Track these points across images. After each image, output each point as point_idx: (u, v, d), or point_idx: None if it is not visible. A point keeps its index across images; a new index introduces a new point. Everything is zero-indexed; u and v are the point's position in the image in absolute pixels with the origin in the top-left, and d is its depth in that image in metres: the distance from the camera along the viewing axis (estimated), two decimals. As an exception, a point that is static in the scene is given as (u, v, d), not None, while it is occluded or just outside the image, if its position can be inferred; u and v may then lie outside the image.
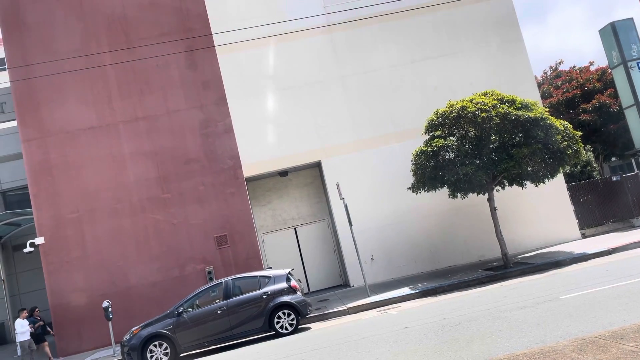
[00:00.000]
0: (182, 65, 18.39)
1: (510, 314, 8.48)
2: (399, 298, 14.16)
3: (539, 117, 14.75)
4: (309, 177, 19.77)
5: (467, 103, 15.10)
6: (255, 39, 17.80)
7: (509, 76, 18.86)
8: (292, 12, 18.55)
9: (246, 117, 18.30)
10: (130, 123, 18.01)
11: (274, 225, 19.55)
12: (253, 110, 18.43)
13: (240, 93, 18.42)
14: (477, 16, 19.30)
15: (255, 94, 18.54)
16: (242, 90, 18.45)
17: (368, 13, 18.43)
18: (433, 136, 15.73)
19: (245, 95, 18.45)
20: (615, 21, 19.98)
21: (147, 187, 17.72)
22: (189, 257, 17.53)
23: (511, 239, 18.23)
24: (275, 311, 11.87)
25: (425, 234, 18.34)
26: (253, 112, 18.42)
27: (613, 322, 6.79)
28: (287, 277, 12.34)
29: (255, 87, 18.57)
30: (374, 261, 18.15)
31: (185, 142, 18.05)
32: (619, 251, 14.78)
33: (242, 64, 18.55)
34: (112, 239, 17.42)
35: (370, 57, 19.02)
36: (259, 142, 18.28)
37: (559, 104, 26.64)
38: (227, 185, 17.95)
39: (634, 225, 18.66)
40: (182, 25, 18.53)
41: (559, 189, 18.57)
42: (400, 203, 18.05)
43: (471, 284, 14.34)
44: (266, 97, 18.61)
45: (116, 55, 17.96)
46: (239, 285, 12.29)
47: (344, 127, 18.66)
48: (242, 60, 18.52)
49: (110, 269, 17.28)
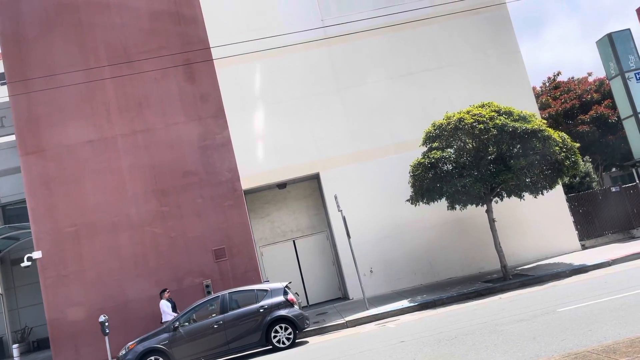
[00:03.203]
0: (180, 78, 18.45)
1: (506, 328, 8.40)
2: (398, 311, 14.06)
3: (537, 128, 14.74)
4: (307, 189, 19.76)
5: (464, 115, 15.10)
6: (253, 52, 17.88)
7: (506, 87, 18.90)
8: (290, 25, 18.68)
9: (244, 130, 18.33)
10: (129, 136, 18.04)
11: (272, 237, 19.50)
12: (251, 123, 18.47)
13: (238, 106, 18.47)
14: (474, 28, 19.40)
15: (253, 106, 18.60)
16: (240, 103, 18.51)
17: (366, 26, 18.52)
18: (431, 148, 15.74)
19: (243, 108, 18.51)
20: (612, 32, 20.03)
21: (145, 200, 17.70)
22: (187, 270, 17.45)
23: (511, 250, 18.18)
24: (272, 325, 11.78)
25: (424, 246, 18.27)
26: (251, 125, 18.47)
27: (607, 335, 6.73)
28: (284, 291, 12.27)
29: (253, 100, 18.63)
30: (373, 273, 18.08)
31: (183, 155, 18.05)
32: (619, 262, 14.69)
33: (240, 76, 18.63)
34: (110, 253, 17.35)
35: (368, 70, 19.09)
36: (257, 155, 18.30)
37: (557, 114, 26.66)
38: (225, 198, 17.92)
39: (634, 236, 18.56)
40: (181, 39, 18.62)
41: (558, 200, 18.52)
42: (399, 215, 18.02)
43: (470, 297, 14.24)
44: (264, 110, 18.65)
45: (115, 69, 18.04)
46: (235, 299, 12.22)
47: (342, 139, 18.68)
48: (240, 73, 18.60)
49: (108, 283, 17.20)
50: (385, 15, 18.86)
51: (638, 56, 19.75)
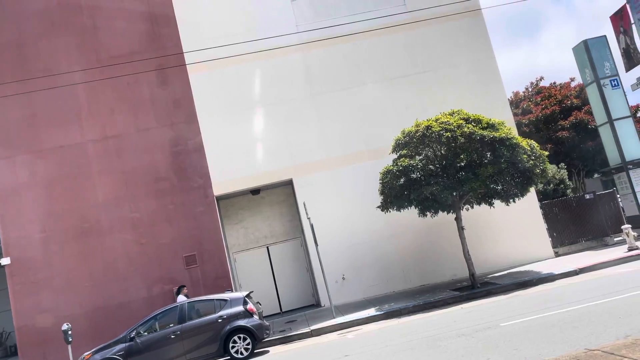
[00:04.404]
0: (153, 83, 18.36)
1: (445, 343, 8.34)
2: (363, 320, 13.98)
3: (504, 136, 14.68)
4: (282, 195, 19.66)
5: (432, 122, 15.04)
6: (227, 57, 17.77)
7: (481, 94, 18.86)
8: (265, 30, 18.57)
9: (217, 135, 18.23)
10: (100, 142, 17.93)
11: (246, 243, 19.39)
12: (224, 129, 18.36)
13: (211, 111, 18.37)
14: (449, 34, 19.35)
15: (226, 112, 18.49)
16: (213, 108, 18.41)
17: (341, 32, 18.44)
18: (400, 155, 15.67)
19: (216, 113, 18.40)
20: (588, 39, 20.00)
21: (115, 206, 17.58)
22: (157, 277, 17.35)
23: (484, 257, 18.15)
24: (230, 335, 11.68)
25: (397, 253, 18.20)
26: (224, 130, 18.35)
27: (529, 356, 6.67)
28: (244, 301, 12.17)
29: (226, 105, 18.53)
30: (345, 280, 17.99)
31: (154, 161, 17.95)
32: (587, 271, 14.65)
33: (214, 82, 18.52)
34: (80, 260, 17.23)
35: (342, 76, 19.02)
36: (230, 160, 18.18)
37: (538, 120, 26.64)
38: (196, 204, 17.82)
39: (607, 244, 18.52)
40: (154, 44, 18.54)
41: (532, 207, 18.48)
42: (373, 221, 17.91)
43: (437, 305, 14.18)
44: (237, 115, 18.54)
45: (87, 74, 17.93)
46: (194, 308, 12.13)
47: (316, 145, 18.60)
48: (214, 79, 18.50)
49: (77, 290, 17.08)
50: (361, 21, 18.79)
51: (614, 63, 19.73)
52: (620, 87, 19.69)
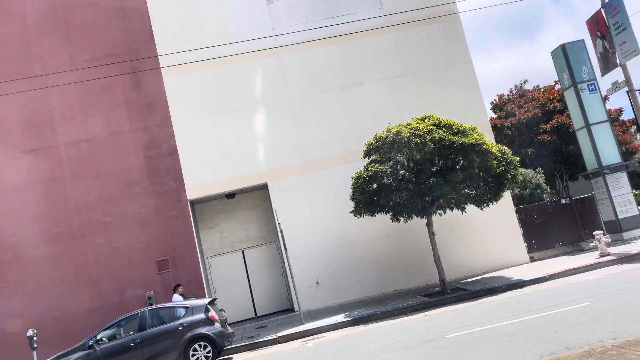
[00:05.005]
0: (126, 86, 18.25)
1: (387, 356, 8.29)
2: (331, 326, 13.91)
3: (474, 142, 14.62)
4: (258, 199, 19.56)
5: (403, 128, 14.97)
6: (202, 60, 17.68)
7: (457, 98, 18.81)
8: (241, 33, 18.50)
9: (192, 139, 18.12)
10: (73, 145, 17.81)
11: (221, 248, 19.29)
12: (199, 132, 18.25)
13: (186, 114, 18.26)
14: (427, 39, 19.28)
15: (201, 115, 18.37)
16: (187, 111, 18.30)
17: (317, 35, 18.37)
18: (371, 160, 15.60)
19: (190, 116, 18.29)
20: (565, 43, 19.90)
21: (87, 210, 17.47)
22: (129, 282, 17.24)
23: (459, 262, 18.10)
24: (190, 343, 11.59)
25: (372, 258, 18.13)
26: (199, 134, 18.24)
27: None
28: (206, 308, 12.07)
29: (201, 109, 18.42)
30: (320, 285, 17.91)
31: (128, 165, 17.84)
32: (556, 277, 14.60)
33: (189, 85, 18.41)
34: (51, 264, 17.12)
35: (318, 79, 18.93)
36: (204, 164, 18.07)
37: (520, 123, 26.58)
38: (170, 208, 17.72)
39: (583, 249, 18.47)
40: (128, 47, 18.42)
41: (507, 212, 18.43)
42: (348, 226, 17.82)
43: (405, 311, 14.11)
44: (212, 119, 18.43)
45: (60, 77, 17.80)
46: (155, 316, 12.02)
47: (292, 149, 18.51)
48: (189, 82, 18.38)
49: (48, 294, 16.97)
50: (337, 24, 18.71)
51: (591, 67, 19.65)
52: (598, 91, 19.62)
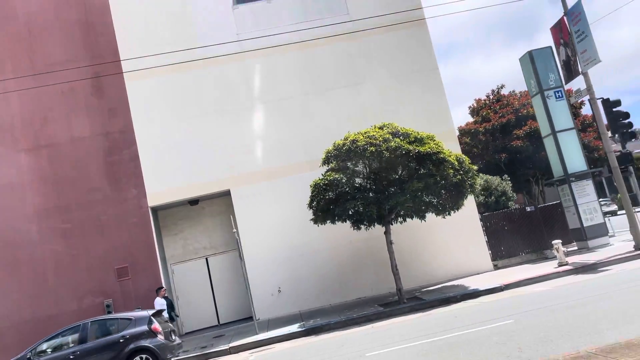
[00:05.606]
0: (88, 91, 18.08)
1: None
2: (284, 337, 13.79)
3: (430, 151, 14.53)
4: (222, 206, 19.40)
5: (360, 136, 14.85)
6: (165, 66, 17.54)
7: (423, 105, 18.74)
8: (205, 38, 18.36)
9: (154, 145, 17.96)
10: (32, 151, 17.62)
11: (184, 255, 19.13)
12: (161, 138, 18.08)
13: (148, 120, 18.10)
14: (393, 45, 19.17)
15: (163, 120, 18.21)
16: (150, 117, 18.13)
17: (282, 41, 18.26)
18: (329, 169, 15.49)
19: (153, 122, 18.13)
20: (533, 50, 19.84)
21: (46, 217, 17.29)
22: (87, 289, 17.07)
23: (422, 270, 18.02)
24: (131, 356, 11.44)
25: (335, 266, 18.01)
26: (161, 140, 18.08)
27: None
28: (150, 320, 11.92)
29: (164, 114, 18.25)
30: (282, 293, 17.77)
31: (88, 171, 17.67)
32: (511, 287, 14.51)
33: (151, 90, 18.25)
34: (8, 271, 16.93)
35: (283, 85, 18.80)
36: (166, 171, 17.91)
37: (494, 129, 26.55)
38: (130, 215, 17.55)
39: (547, 257, 18.40)
40: (91, 51, 18.25)
41: (471, 220, 18.34)
42: (310, 233, 17.65)
43: (358, 321, 14.00)
44: (175, 124, 18.27)
45: (20, 82, 17.60)
46: (96, 328, 11.86)
47: (255, 156, 18.38)
48: (151, 87, 18.22)
49: (5, 301, 16.77)
50: (302, 30, 18.58)
51: (559, 74, 19.59)
52: (565, 98, 19.57)
